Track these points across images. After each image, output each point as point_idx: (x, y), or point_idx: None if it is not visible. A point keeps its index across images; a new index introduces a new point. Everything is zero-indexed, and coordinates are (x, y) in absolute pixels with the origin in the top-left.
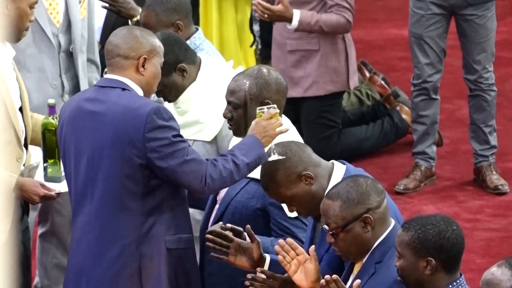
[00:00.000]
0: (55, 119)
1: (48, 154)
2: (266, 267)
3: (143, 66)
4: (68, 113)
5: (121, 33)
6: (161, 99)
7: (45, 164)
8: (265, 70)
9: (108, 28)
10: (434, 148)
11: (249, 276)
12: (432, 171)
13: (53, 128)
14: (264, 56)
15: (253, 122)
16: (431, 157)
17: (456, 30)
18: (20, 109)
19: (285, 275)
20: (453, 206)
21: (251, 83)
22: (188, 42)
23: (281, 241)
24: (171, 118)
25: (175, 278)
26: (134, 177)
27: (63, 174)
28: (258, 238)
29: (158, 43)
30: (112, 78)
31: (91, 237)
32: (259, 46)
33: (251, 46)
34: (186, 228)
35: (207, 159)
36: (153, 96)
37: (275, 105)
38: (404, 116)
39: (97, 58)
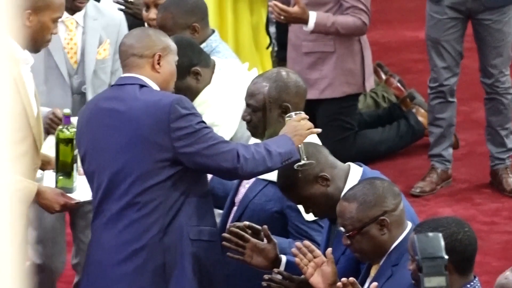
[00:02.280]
0: (69, 129)
1: (61, 164)
2: (282, 268)
3: (158, 63)
4: (87, 114)
5: (134, 33)
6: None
7: (57, 174)
8: (284, 73)
9: None
10: (451, 150)
11: (266, 276)
12: (448, 173)
13: (67, 138)
14: (280, 58)
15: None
16: (448, 159)
17: (473, 34)
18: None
19: (302, 276)
20: (469, 209)
21: (270, 86)
22: (204, 44)
23: (298, 243)
24: (193, 107)
25: (199, 270)
26: (157, 171)
27: (75, 184)
28: (275, 239)
29: (171, 42)
30: (128, 75)
31: (113, 234)
32: (275, 48)
33: (267, 48)
34: (209, 221)
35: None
36: None
37: (302, 112)
38: (420, 118)
39: None
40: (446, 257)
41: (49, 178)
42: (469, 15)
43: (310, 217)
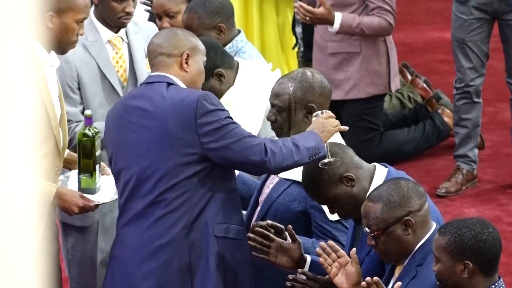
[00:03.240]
0: (91, 130)
1: (83, 165)
2: (306, 268)
3: (186, 62)
4: (114, 113)
5: (162, 33)
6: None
7: (79, 176)
8: (309, 73)
9: None
10: (476, 151)
11: (290, 277)
12: (474, 174)
13: (89, 139)
14: (306, 58)
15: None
16: (473, 160)
17: (499, 35)
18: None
19: (326, 277)
20: (495, 210)
21: (295, 87)
22: (230, 44)
23: (322, 243)
24: (220, 103)
25: (223, 268)
26: (184, 168)
27: (97, 185)
28: (299, 238)
29: (199, 42)
30: (157, 74)
31: (137, 232)
32: (301, 49)
33: (293, 48)
34: (235, 219)
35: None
36: None
37: (329, 111)
38: (446, 119)
39: None
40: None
41: (74, 178)
42: (495, 16)
43: (334, 217)
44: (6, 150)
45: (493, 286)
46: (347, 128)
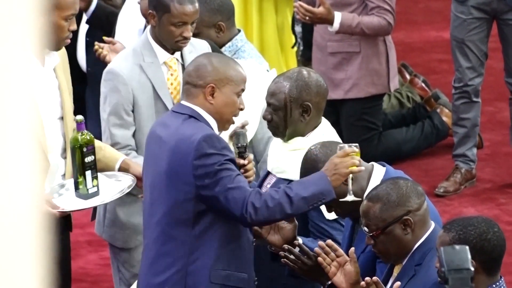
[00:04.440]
0: (83, 135)
1: (78, 172)
2: (296, 250)
3: (212, 95)
4: (148, 134)
5: (196, 60)
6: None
7: (77, 180)
8: (305, 72)
9: None
10: (475, 150)
11: (285, 246)
12: (473, 173)
13: (79, 144)
14: (306, 58)
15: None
16: (472, 159)
17: (498, 34)
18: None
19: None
20: (493, 209)
21: (291, 85)
22: (230, 43)
23: (321, 242)
24: (224, 147)
25: None
26: (184, 207)
27: (90, 191)
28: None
29: (235, 72)
30: (184, 104)
31: (147, 263)
32: (301, 48)
33: (293, 47)
34: (239, 266)
35: (255, 188)
36: None
37: (357, 144)
38: (444, 118)
39: None
40: (472, 269)
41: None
42: (494, 15)
43: (331, 216)
44: (5, 151)
45: (494, 286)
46: (363, 168)
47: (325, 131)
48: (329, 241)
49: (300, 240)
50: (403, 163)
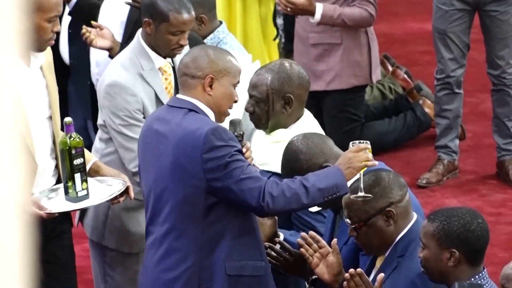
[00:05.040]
0: (71, 138)
1: (67, 175)
2: (277, 246)
3: (210, 86)
4: (142, 132)
5: (192, 52)
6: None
7: (66, 184)
8: (287, 64)
9: (130, 24)
10: (457, 142)
11: (266, 244)
12: (455, 165)
13: (67, 147)
14: (287, 50)
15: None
16: (454, 151)
17: (480, 26)
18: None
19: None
20: (476, 200)
21: (273, 78)
22: (211, 35)
23: (303, 234)
24: (231, 138)
25: None
26: (194, 201)
27: (79, 194)
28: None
29: (231, 63)
30: (181, 98)
31: (154, 259)
32: (283, 40)
33: (275, 39)
34: (254, 255)
35: (269, 177)
36: None
37: (368, 142)
38: (427, 109)
39: None
40: None
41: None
42: (476, 7)
43: (314, 208)
44: None
45: (477, 276)
46: (376, 163)
47: (307, 123)
48: (312, 232)
49: (281, 236)
50: (385, 154)
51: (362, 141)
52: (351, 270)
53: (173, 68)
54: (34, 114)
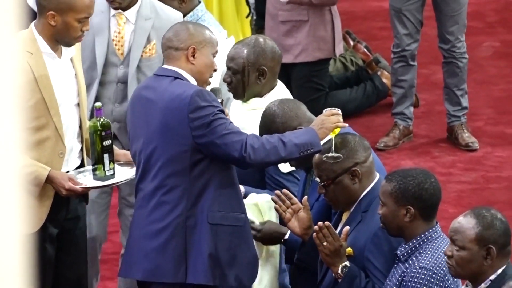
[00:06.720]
0: (100, 121)
1: (96, 156)
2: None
3: (193, 56)
4: (131, 101)
5: (174, 27)
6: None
7: (94, 166)
8: (261, 40)
9: None
10: (412, 109)
11: (277, 192)
12: (410, 129)
13: (97, 130)
14: (259, 26)
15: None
16: (409, 117)
17: (432, 4)
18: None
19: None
20: (428, 161)
21: (249, 51)
22: (191, 13)
23: (277, 191)
24: (214, 99)
25: (217, 253)
26: (182, 158)
27: (107, 173)
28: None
29: (209, 35)
30: (166, 67)
31: (144, 212)
32: (254, 17)
33: (247, 17)
34: (234, 207)
35: (252, 133)
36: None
37: (338, 109)
38: (384, 80)
39: None
40: None
41: (118, 171)
42: None
43: (286, 169)
44: None
45: (431, 230)
46: (346, 125)
47: (280, 93)
48: (284, 190)
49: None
50: (348, 120)
51: (333, 108)
52: (320, 223)
53: (134, 26)
54: (64, 101)
